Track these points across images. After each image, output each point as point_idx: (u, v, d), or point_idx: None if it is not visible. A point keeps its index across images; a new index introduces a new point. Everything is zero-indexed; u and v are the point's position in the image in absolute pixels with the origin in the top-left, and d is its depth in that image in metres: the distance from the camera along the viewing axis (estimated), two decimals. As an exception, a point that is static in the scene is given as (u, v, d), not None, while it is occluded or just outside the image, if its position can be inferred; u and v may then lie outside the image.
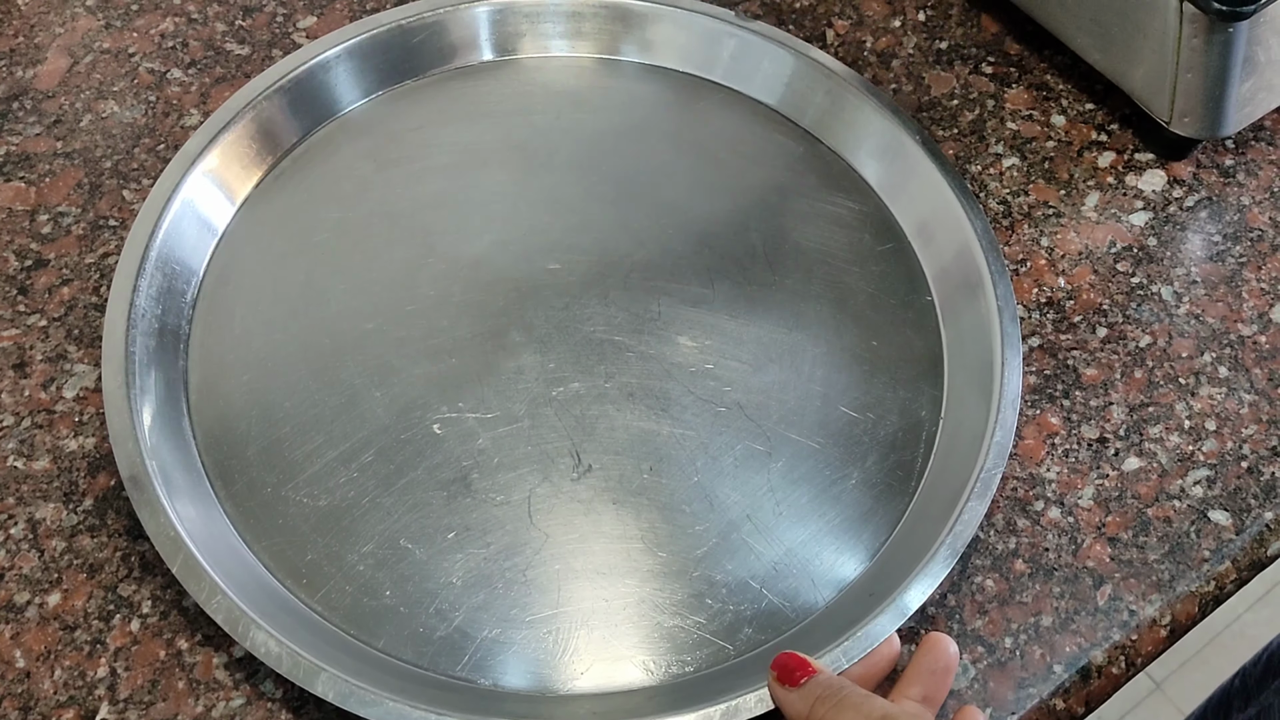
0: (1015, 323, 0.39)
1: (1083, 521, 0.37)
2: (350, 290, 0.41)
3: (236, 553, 0.35)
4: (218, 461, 0.37)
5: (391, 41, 0.45)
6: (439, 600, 0.35)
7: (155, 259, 0.39)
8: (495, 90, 0.46)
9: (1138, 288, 0.42)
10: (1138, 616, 0.36)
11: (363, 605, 0.35)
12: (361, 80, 0.45)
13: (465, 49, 0.47)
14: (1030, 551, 0.37)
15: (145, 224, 0.40)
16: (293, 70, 0.44)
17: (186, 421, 0.38)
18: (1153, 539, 0.37)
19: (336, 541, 0.36)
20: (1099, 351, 0.41)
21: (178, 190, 0.41)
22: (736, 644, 0.34)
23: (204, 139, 0.42)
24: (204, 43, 0.48)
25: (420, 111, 0.46)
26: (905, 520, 0.37)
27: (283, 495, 0.36)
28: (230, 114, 0.42)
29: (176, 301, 0.40)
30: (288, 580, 0.35)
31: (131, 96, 0.46)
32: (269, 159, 0.44)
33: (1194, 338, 0.41)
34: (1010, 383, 0.38)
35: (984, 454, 0.36)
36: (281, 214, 0.43)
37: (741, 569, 0.36)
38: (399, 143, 0.45)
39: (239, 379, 0.39)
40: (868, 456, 0.38)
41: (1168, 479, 0.38)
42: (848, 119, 0.44)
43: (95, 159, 0.44)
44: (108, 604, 0.35)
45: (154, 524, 0.34)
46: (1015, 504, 0.38)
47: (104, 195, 0.44)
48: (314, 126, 0.45)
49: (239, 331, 0.40)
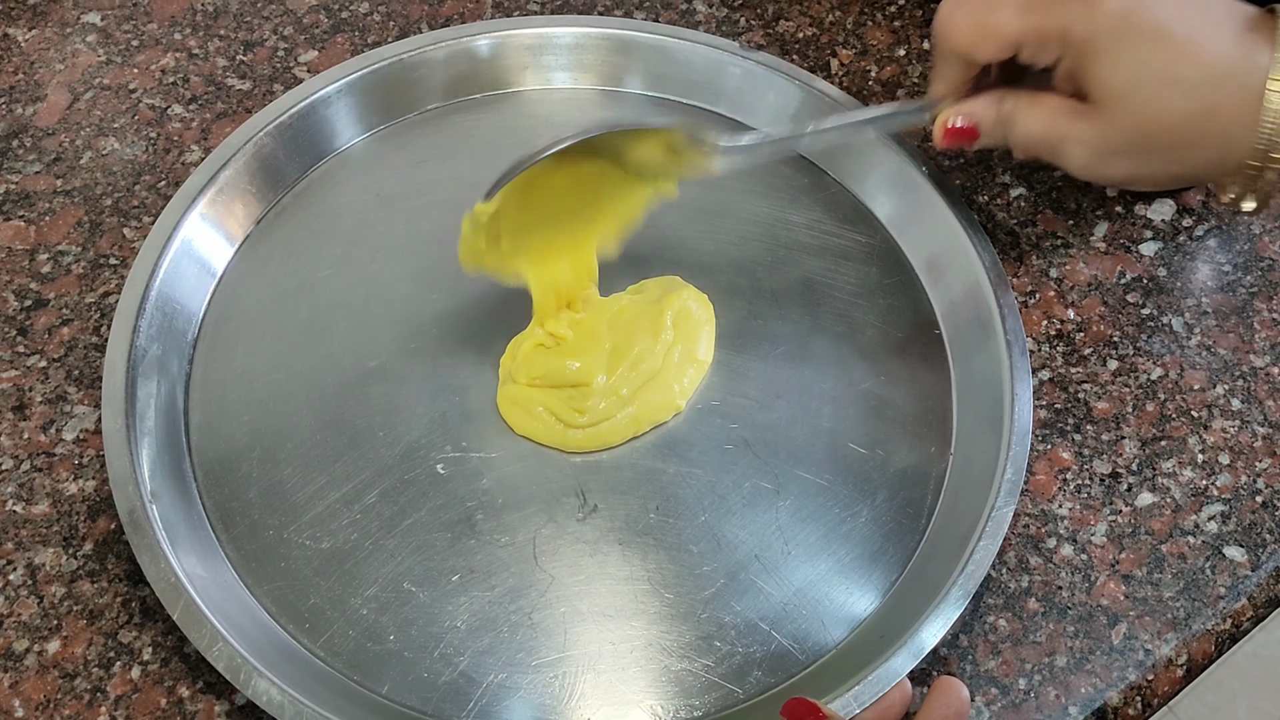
0: (1025, 357, 0.40)
1: (1096, 559, 0.39)
2: (352, 328, 0.42)
3: (238, 597, 0.36)
4: (219, 504, 0.38)
5: (391, 76, 0.47)
6: (444, 644, 0.36)
7: (155, 299, 0.41)
8: (497, 123, 0.48)
9: (1148, 319, 0.44)
10: (1153, 656, 0.37)
11: (366, 650, 0.36)
12: (362, 116, 0.47)
13: (466, 82, 0.48)
14: (1043, 590, 0.38)
15: (145, 263, 0.41)
16: (291, 107, 0.45)
17: (187, 463, 0.39)
18: (1167, 576, 0.38)
19: (339, 585, 0.37)
20: (1110, 384, 0.42)
21: (177, 230, 0.42)
22: (746, 687, 0.35)
23: (203, 178, 0.43)
24: (205, 78, 0.50)
25: (421, 146, 0.47)
26: (916, 559, 0.38)
27: (285, 538, 0.38)
28: (229, 153, 0.44)
29: (177, 341, 0.41)
30: (290, 625, 0.36)
31: (132, 133, 0.48)
32: (270, 196, 0.45)
33: (1206, 369, 0.43)
34: (1021, 419, 0.39)
35: (995, 491, 0.37)
36: (283, 251, 0.44)
37: (750, 610, 0.37)
38: (400, 178, 0.46)
39: (240, 419, 0.40)
40: (877, 494, 0.39)
41: (1181, 514, 0.40)
42: (854, 151, 0.46)
43: (95, 197, 0.46)
44: (108, 651, 0.36)
45: (154, 569, 0.35)
46: (1027, 541, 0.39)
47: (104, 233, 0.45)
48: (314, 163, 0.46)
49: (240, 371, 0.41)
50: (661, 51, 0.48)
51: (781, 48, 0.51)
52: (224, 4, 0.52)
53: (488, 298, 0.43)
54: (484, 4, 0.52)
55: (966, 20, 0.36)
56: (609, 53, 0.48)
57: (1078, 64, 0.35)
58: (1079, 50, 0.34)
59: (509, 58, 0.48)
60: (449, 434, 0.40)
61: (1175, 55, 0.33)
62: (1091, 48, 0.34)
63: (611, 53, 0.48)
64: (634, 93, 0.49)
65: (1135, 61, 0.33)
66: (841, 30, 0.52)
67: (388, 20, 0.51)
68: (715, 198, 0.46)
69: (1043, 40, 0.35)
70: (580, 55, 0.48)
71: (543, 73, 0.49)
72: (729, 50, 0.48)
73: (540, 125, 0.48)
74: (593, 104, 0.49)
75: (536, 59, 0.48)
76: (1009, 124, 0.37)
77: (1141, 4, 0.34)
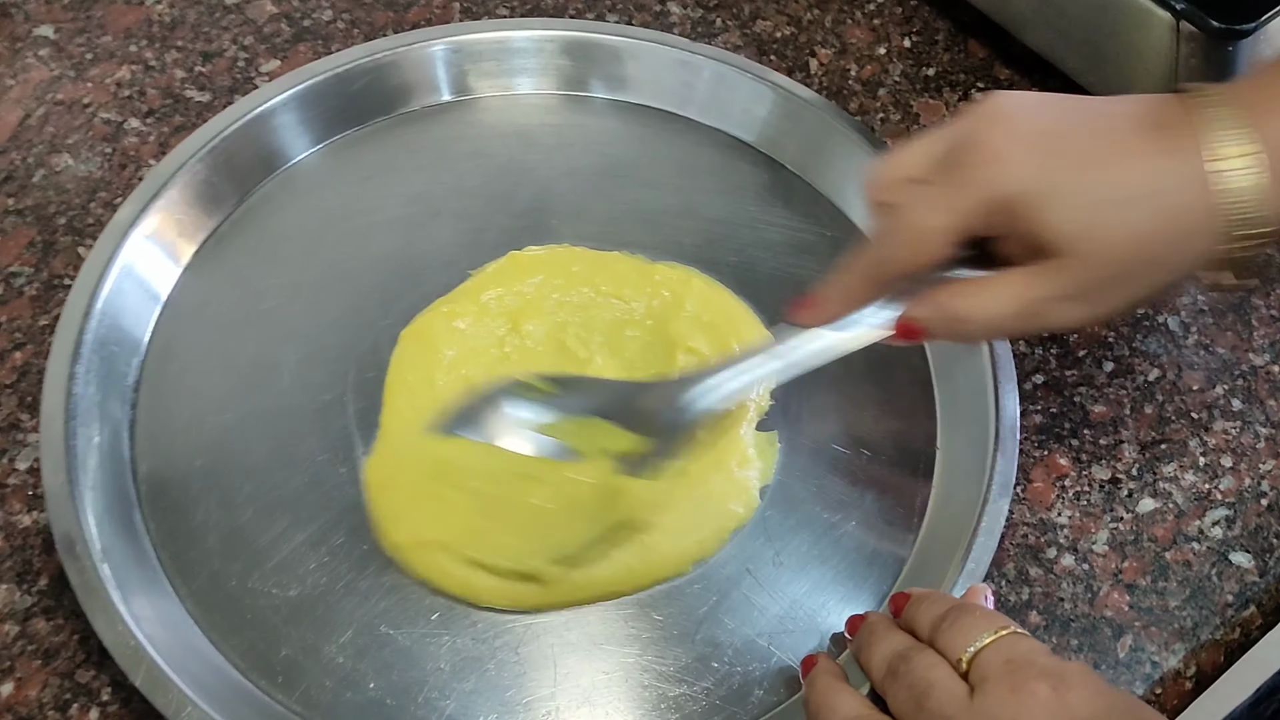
0: (1006, 345, 0.45)
1: (1098, 568, 0.44)
2: (304, 360, 0.47)
3: (203, 655, 0.40)
4: (175, 556, 0.43)
5: (338, 87, 0.52)
6: (428, 688, 0.40)
7: (92, 341, 0.45)
8: (451, 133, 0.53)
9: (1143, 318, 0.50)
10: (1161, 668, 0.43)
11: (346, 700, 0.40)
12: (309, 129, 0.52)
13: (421, 90, 0.54)
14: (1045, 602, 0.44)
15: (79, 302, 0.45)
16: (235, 122, 0.50)
17: (138, 515, 0.43)
18: (1172, 584, 0.44)
19: (311, 633, 0.41)
20: (1106, 387, 0.48)
21: (113, 262, 0.46)
22: (748, 708, 0.40)
23: (138, 204, 0.48)
24: (162, 90, 0.55)
25: (371, 160, 0.52)
26: (912, 561, 0.43)
27: (249, 587, 0.42)
28: (166, 175, 0.48)
29: (118, 385, 0.46)
30: (262, 680, 0.40)
31: (86, 149, 0.52)
32: (209, 221, 0.50)
33: (1204, 370, 0.49)
34: (1007, 409, 0.44)
35: (985, 484, 0.42)
36: (225, 281, 0.49)
37: (746, 626, 0.42)
38: (350, 195, 0.51)
39: (191, 464, 0.44)
40: (865, 496, 0.45)
41: (1185, 520, 0.46)
42: (828, 154, 0.52)
43: (49, 216, 0.50)
44: (64, 692, 0.40)
45: (111, 634, 0.39)
46: (1026, 552, 0.45)
47: (58, 254, 0.50)
48: (260, 181, 0.51)
49: (188, 414, 0.46)
50: (626, 54, 0.54)
51: (759, 48, 0.57)
52: (181, 15, 0.57)
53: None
54: (451, 9, 0.57)
55: (898, 232, 0.38)
56: (572, 56, 0.54)
57: (1018, 224, 0.36)
58: (1012, 211, 0.36)
59: (465, 62, 0.54)
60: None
61: (1112, 176, 0.35)
62: (1023, 202, 0.35)
63: (575, 56, 0.54)
64: (600, 97, 0.54)
65: (1077, 195, 0.35)
66: (820, 29, 0.58)
67: (352, 27, 0.57)
68: (683, 206, 0.51)
69: (976, 221, 0.36)
70: (541, 60, 0.54)
71: (503, 78, 0.54)
72: (700, 53, 0.53)
73: (497, 133, 0.53)
74: (555, 110, 0.54)
75: (497, 63, 0.54)
76: (960, 320, 0.38)
77: (1046, 136, 0.36)
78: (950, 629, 0.35)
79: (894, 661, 0.35)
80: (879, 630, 0.38)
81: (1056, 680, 0.32)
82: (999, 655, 0.34)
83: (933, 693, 0.33)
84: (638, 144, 0.53)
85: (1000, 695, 0.32)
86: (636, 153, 0.53)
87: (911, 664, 0.35)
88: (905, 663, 0.35)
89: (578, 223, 0.51)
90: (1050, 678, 0.32)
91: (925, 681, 0.34)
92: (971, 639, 0.34)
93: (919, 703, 0.34)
